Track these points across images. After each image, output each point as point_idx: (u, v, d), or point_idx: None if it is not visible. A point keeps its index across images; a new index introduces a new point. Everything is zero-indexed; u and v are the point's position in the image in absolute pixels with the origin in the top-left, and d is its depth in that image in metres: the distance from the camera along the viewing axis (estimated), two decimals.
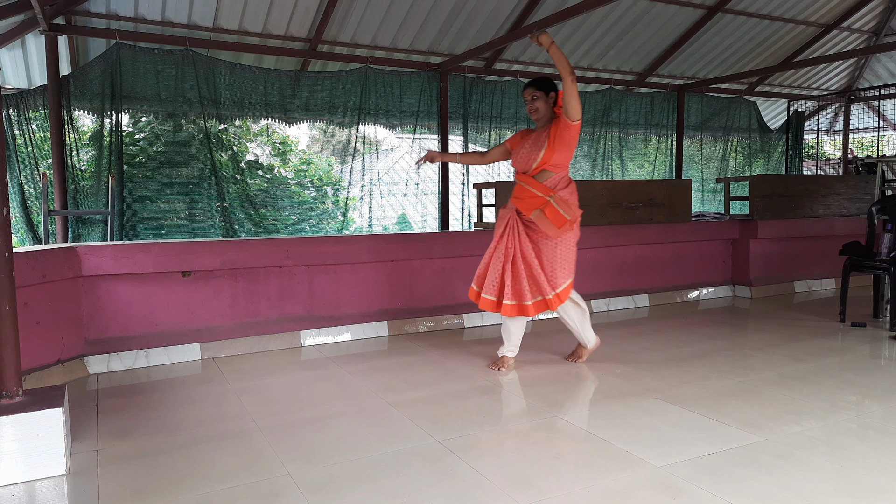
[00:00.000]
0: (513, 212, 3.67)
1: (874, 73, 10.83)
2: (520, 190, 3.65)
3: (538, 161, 3.58)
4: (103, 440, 2.86)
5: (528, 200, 3.58)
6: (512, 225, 3.66)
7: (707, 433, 2.83)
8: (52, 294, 3.71)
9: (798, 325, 5.04)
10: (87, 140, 6.19)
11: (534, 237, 3.63)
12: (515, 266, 3.63)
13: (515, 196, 3.67)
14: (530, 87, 3.63)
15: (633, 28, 7.97)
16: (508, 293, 3.63)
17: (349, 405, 3.29)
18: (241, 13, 6.34)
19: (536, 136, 3.63)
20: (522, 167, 3.66)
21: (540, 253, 3.63)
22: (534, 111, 3.63)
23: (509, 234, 3.64)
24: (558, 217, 3.50)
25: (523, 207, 3.60)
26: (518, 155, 3.69)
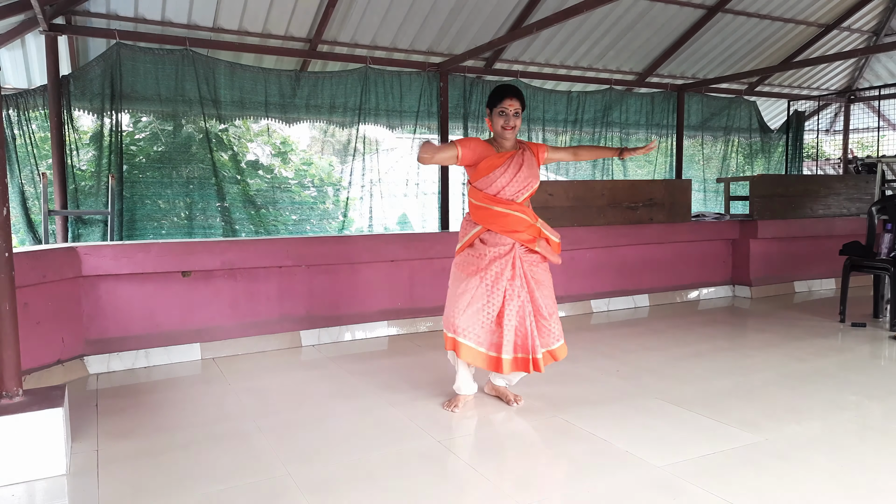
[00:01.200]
0: (514, 246, 3.10)
1: (874, 73, 10.82)
2: (517, 222, 3.08)
3: (536, 185, 3.15)
4: (103, 440, 2.86)
5: (528, 230, 3.11)
6: (517, 263, 3.09)
7: (707, 433, 2.83)
8: (52, 294, 3.71)
9: (798, 325, 5.04)
10: (87, 140, 6.19)
11: (535, 273, 3.15)
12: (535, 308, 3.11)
13: (512, 230, 3.08)
14: (515, 99, 3.08)
15: (633, 28, 7.97)
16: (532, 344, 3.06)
17: (349, 405, 3.29)
18: (241, 13, 6.34)
19: (527, 161, 3.12)
20: (512, 194, 3.08)
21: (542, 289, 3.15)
22: (512, 129, 3.09)
23: (518, 276, 3.07)
24: (554, 243, 3.22)
25: (525, 240, 3.10)
26: (500, 179, 3.06)
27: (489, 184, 3.08)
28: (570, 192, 5.63)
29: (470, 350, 3.03)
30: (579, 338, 4.71)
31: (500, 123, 3.09)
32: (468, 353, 3.03)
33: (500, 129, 3.09)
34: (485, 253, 3.08)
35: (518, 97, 3.10)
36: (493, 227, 3.10)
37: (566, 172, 8.75)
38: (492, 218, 3.10)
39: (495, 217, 3.09)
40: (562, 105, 8.55)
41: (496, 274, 3.05)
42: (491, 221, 3.10)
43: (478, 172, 3.10)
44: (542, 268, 3.18)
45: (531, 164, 3.14)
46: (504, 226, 3.09)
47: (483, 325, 3.04)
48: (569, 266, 5.61)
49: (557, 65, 8.38)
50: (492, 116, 3.12)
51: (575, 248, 5.58)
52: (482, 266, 3.06)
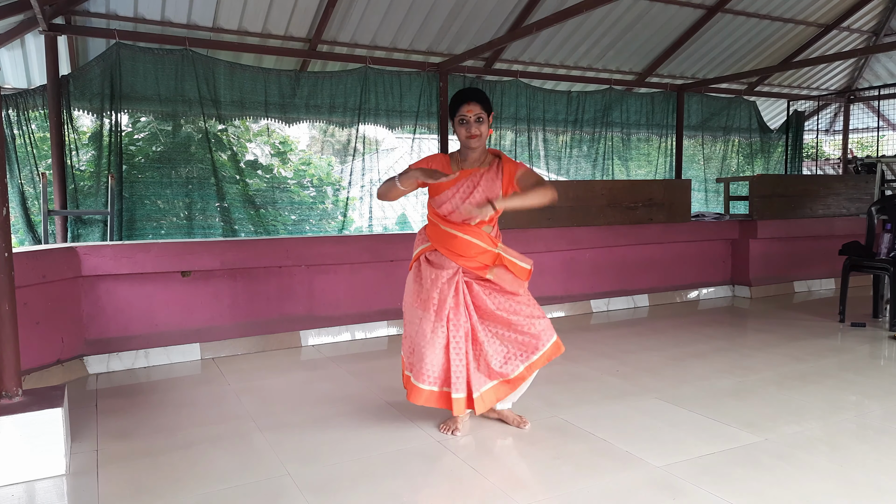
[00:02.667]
0: (458, 272, 2.77)
1: (874, 73, 10.82)
2: (465, 246, 2.73)
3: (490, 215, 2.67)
4: (103, 440, 2.86)
5: (480, 257, 2.76)
6: (462, 289, 2.76)
7: (707, 433, 2.83)
8: (52, 294, 3.71)
9: (798, 325, 5.04)
10: (86, 140, 6.19)
11: (491, 292, 2.80)
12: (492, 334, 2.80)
13: (458, 253, 2.74)
14: (474, 104, 2.69)
15: (633, 28, 7.96)
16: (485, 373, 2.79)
17: (349, 405, 3.29)
18: (241, 13, 6.34)
19: (485, 182, 2.74)
20: (463, 216, 2.74)
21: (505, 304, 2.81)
22: (476, 137, 2.71)
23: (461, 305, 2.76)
24: (519, 269, 2.81)
25: (475, 267, 2.75)
26: (451, 201, 2.74)
27: (440, 203, 2.79)
28: (570, 192, 5.63)
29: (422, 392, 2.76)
30: (579, 338, 4.71)
31: (462, 133, 2.73)
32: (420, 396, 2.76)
33: (465, 139, 2.73)
34: (427, 276, 2.79)
35: (479, 100, 2.72)
36: (440, 247, 2.80)
37: (567, 172, 8.75)
38: (440, 237, 2.80)
39: (443, 237, 2.79)
40: (562, 105, 8.54)
41: (440, 303, 2.74)
42: (439, 241, 2.81)
43: (431, 188, 2.83)
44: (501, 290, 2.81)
45: (489, 188, 2.73)
46: (451, 248, 2.76)
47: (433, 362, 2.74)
48: (569, 266, 5.62)
49: (557, 65, 8.38)
50: (454, 125, 2.76)
51: (575, 248, 5.58)
52: (423, 294, 2.77)
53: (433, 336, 2.73)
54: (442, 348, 2.74)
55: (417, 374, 2.76)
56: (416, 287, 2.83)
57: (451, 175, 2.64)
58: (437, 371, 2.75)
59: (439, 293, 2.74)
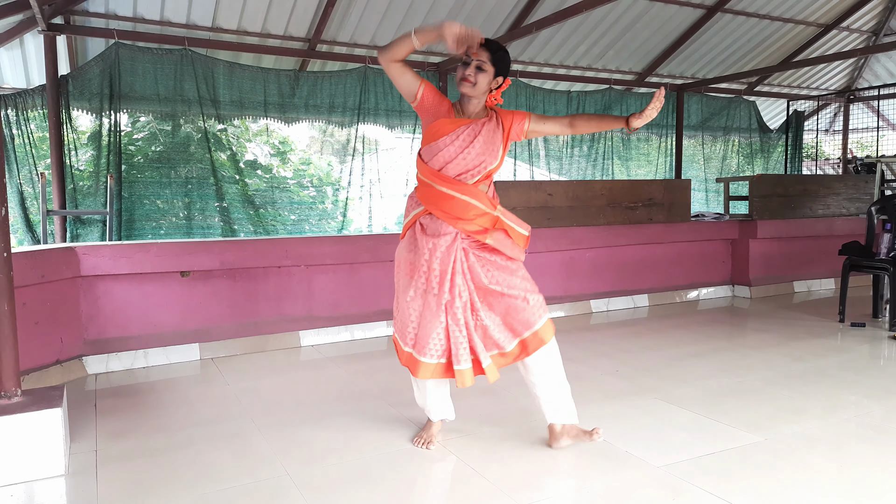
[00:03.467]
0: (457, 237, 2.56)
1: (873, 72, 10.83)
2: (462, 207, 2.52)
3: (492, 167, 2.57)
4: (102, 440, 2.85)
5: (479, 220, 2.55)
6: (459, 256, 2.56)
7: (707, 433, 2.83)
8: (51, 294, 3.70)
9: (797, 325, 5.04)
10: (85, 140, 6.18)
11: (486, 265, 2.61)
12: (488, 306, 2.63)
13: (455, 216, 2.53)
14: (483, 50, 2.49)
15: (633, 28, 7.96)
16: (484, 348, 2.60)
17: (348, 405, 3.29)
18: (240, 13, 6.34)
19: (486, 135, 2.54)
20: (457, 173, 2.52)
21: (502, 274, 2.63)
22: (468, 82, 2.50)
23: (460, 272, 2.57)
24: (517, 234, 2.67)
25: (474, 231, 2.55)
26: (444, 151, 2.52)
27: (432, 155, 2.54)
28: (569, 192, 5.63)
29: (427, 367, 2.59)
30: (579, 338, 4.70)
31: (459, 74, 2.51)
32: (426, 370, 2.59)
33: (459, 80, 2.52)
34: (423, 245, 2.56)
35: (490, 49, 2.50)
36: (434, 209, 2.55)
37: (567, 172, 8.75)
38: (434, 198, 2.55)
39: (437, 198, 2.54)
40: (562, 104, 8.54)
41: (441, 273, 2.53)
42: (432, 203, 2.55)
43: (426, 135, 2.58)
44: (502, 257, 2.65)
45: (490, 140, 2.53)
46: (446, 210, 2.53)
47: (437, 336, 2.57)
48: (568, 266, 5.61)
49: (557, 64, 8.38)
50: None
51: (574, 248, 5.57)
52: (421, 264, 2.56)
53: (438, 308, 2.54)
54: (443, 319, 2.56)
55: (421, 349, 2.58)
56: (412, 256, 2.61)
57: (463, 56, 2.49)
58: (443, 342, 2.58)
59: (440, 263, 2.53)
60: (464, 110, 2.59)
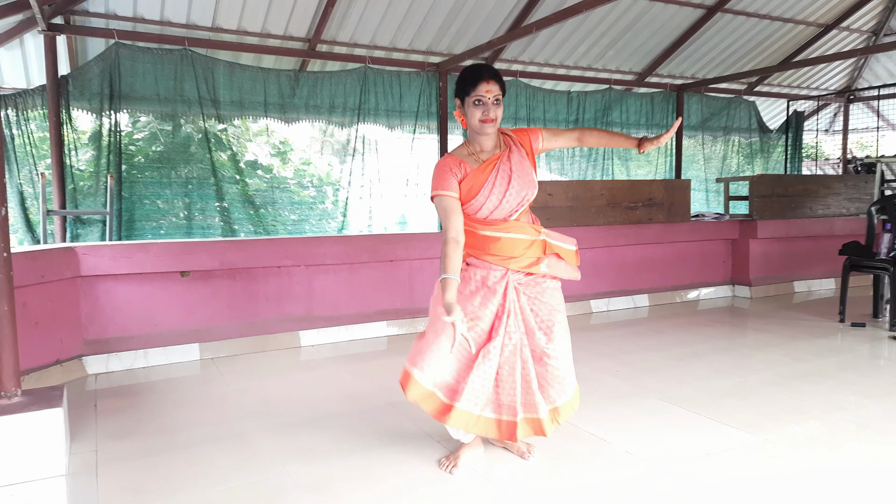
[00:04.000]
0: (505, 273, 2.43)
1: (873, 72, 10.82)
2: (511, 245, 2.40)
3: (533, 195, 2.46)
4: (102, 440, 2.85)
5: (529, 252, 2.42)
6: (511, 297, 2.42)
7: (707, 433, 2.83)
8: (51, 294, 3.70)
9: (798, 325, 5.04)
10: (85, 140, 6.18)
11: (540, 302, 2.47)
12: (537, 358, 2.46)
13: (506, 255, 2.40)
14: (493, 83, 2.35)
15: (633, 28, 7.96)
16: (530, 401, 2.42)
17: (348, 406, 3.29)
18: (240, 13, 6.33)
19: (517, 165, 2.41)
20: (506, 212, 2.41)
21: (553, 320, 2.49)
22: (492, 122, 2.37)
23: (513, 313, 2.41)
24: (567, 252, 2.53)
25: (524, 265, 2.42)
26: (489, 200, 2.38)
27: (476, 209, 2.40)
28: (569, 192, 5.63)
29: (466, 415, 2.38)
30: (579, 338, 4.68)
31: (476, 116, 2.35)
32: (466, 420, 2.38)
33: (478, 123, 2.36)
34: (470, 277, 2.44)
35: (497, 79, 2.37)
36: (480, 254, 2.43)
37: (567, 173, 8.74)
38: (480, 244, 2.42)
39: (484, 243, 2.41)
40: (562, 105, 8.54)
41: (481, 302, 2.40)
42: (479, 248, 2.42)
43: (461, 197, 2.41)
44: (552, 292, 2.48)
45: (523, 169, 2.42)
46: (496, 252, 2.40)
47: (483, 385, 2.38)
48: None
49: (557, 65, 8.37)
50: (464, 108, 2.39)
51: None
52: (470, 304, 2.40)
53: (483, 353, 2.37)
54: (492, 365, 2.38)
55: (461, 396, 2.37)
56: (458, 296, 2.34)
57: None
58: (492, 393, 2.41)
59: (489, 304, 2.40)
60: (482, 148, 2.45)
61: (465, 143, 2.50)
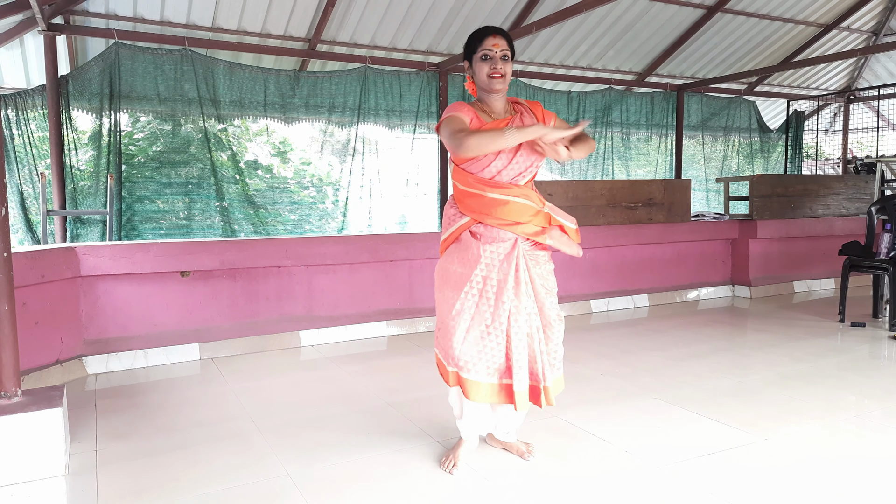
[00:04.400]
0: (517, 242, 2.37)
1: (873, 72, 10.83)
2: (520, 210, 2.34)
3: (540, 163, 2.40)
4: (102, 441, 2.85)
5: (535, 219, 2.38)
6: (522, 265, 2.37)
7: (706, 433, 2.83)
8: (51, 294, 3.70)
9: (797, 325, 5.04)
10: (85, 140, 6.18)
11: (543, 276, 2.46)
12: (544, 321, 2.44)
13: (514, 221, 2.34)
14: (500, 38, 2.31)
15: (633, 28, 7.96)
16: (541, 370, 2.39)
17: (348, 406, 3.29)
18: (240, 13, 6.34)
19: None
20: (513, 177, 2.34)
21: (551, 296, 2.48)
22: (501, 77, 2.31)
23: (523, 282, 2.36)
24: (570, 229, 2.49)
25: (531, 232, 2.37)
26: (498, 160, 2.31)
27: (483, 166, 2.31)
28: (569, 192, 5.63)
29: (480, 386, 2.36)
30: (579, 338, 4.70)
31: (484, 71, 2.30)
32: (479, 391, 2.36)
33: (486, 78, 2.30)
34: (479, 253, 2.35)
35: (504, 35, 2.32)
36: (488, 218, 2.34)
37: (567, 172, 8.74)
38: (486, 207, 2.34)
39: (491, 206, 2.33)
40: (562, 105, 8.55)
41: (498, 282, 2.34)
42: (486, 212, 2.34)
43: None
44: (549, 268, 2.50)
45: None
46: (502, 217, 2.33)
47: (493, 353, 2.36)
48: (568, 266, 5.61)
49: (557, 64, 8.38)
50: (472, 67, 2.35)
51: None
52: (475, 274, 2.35)
53: (494, 322, 2.33)
54: (500, 333, 2.35)
55: (473, 367, 2.35)
56: (462, 268, 2.36)
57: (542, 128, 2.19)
58: (501, 359, 2.36)
59: (499, 271, 2.33)
60: (492, 109, 2.38)
61: (477, 102, 2.42)
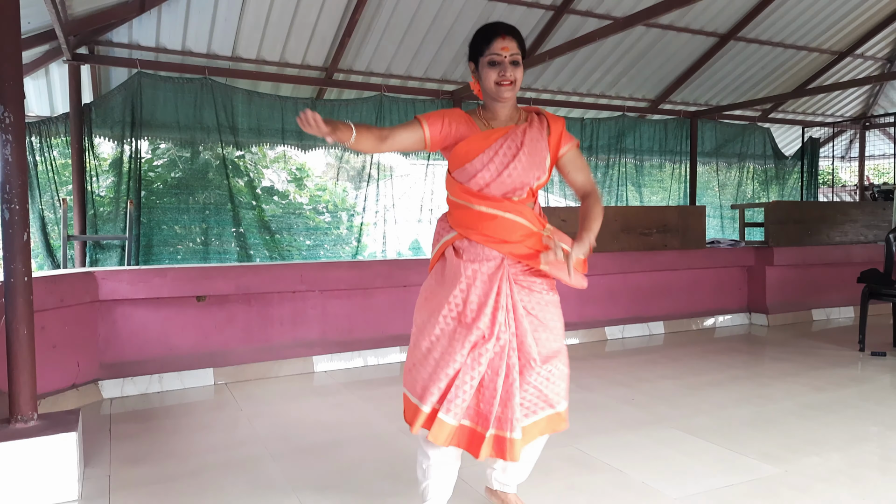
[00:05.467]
0: (503, 263, 2.07)
1: (889, 99, 10.79)
2: (507, 228, 2.05)
3: (541, 181, 2.11)
4: (116, 465, 2.86)
5: (527, 241, 2.07)
6: (505, 289, 2.06)
7: (724, 464, 2.78)
8: (69, 318, 3.75)
9: (817, 354, 4.96)
10: (106, 167, 6.30)
11: (534, 304, 2.12)
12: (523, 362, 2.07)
13: (499, 239, 2.05)
14: (510, 39, 2.02)
15: (646, 55, 8.02)
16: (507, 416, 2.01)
17: (361, 432, 3.27)
18: (260, 43, 6.47)
19: (531, 143, 2.07)
20: (504, 189, 2.06)
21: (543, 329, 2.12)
22: (510, 84, 2.02)
23: (503, 308, 2.04)
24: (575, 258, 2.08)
25: (521, 253, 2.07)
26: (484, 171, 2.04)
27: (469, 175, 2.05)
28: None
29: (444, 426, 2.00)
30: (594, 365, 4.66)
31: (492, 78, 2.02)
32: (442, 431, 2.00)
33: (494, 86, 2.02)
34: (460, 271, 2.06)
35: (514, 35, 2.04)
36: (472, 234, 2.07)
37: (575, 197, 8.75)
38: (471, 221, 2.07)
39: (476, 219, 2.06)
40: (575, 131, 8.59)
41: (478, 306, 2.03)
42: (470, 226, 2.08)
43: (454, 158, 2.09)
44: (548, 297, 2.15)
45: (536, 148, 2.07)
46: (488, 233, 2.05)
47: (463, 388, 2.01)
48: (583, 292, 5.56)
49: (570, 92, 8.44)
50: (479, 71, 2.07)
51: (588, 273, 5.52)
52: (454, 295, 2.05)
53: (468, 350, 2.01)
54: (474, 365, 2.01)
55: (439, 402, 2.01)
56: (440, 288, 2.09)
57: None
58: (471, 398, 2.03)
59: (479, 293, 2.03)
60: (495, 116, 2.10)
61: (478, 108, 2.16)
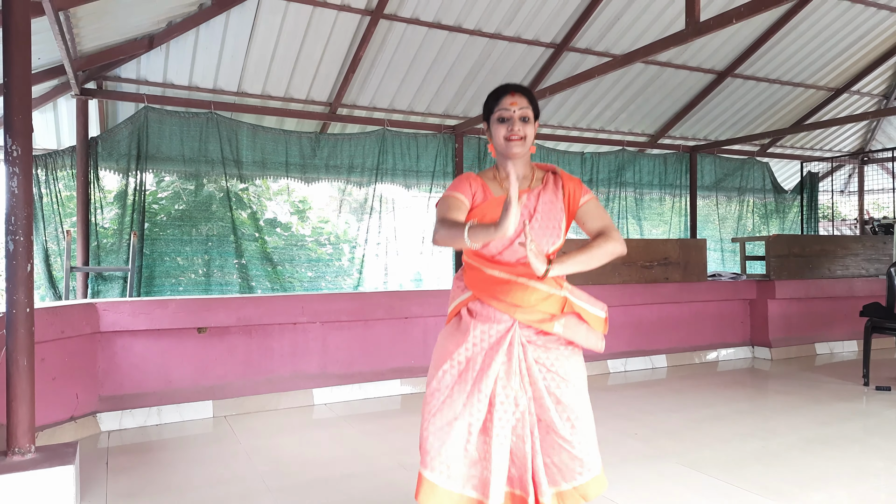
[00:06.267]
0: (514, 326, 1.99)
1: (886, 134, 10.90)
2: (521, 293, 1.98)
3: (556, 247, 2.08)
4: (112, 499, 2.82)
5: (542, 305, 2.00)
6: (516, 353, 1.98)
7: (728, 499, 2.74)
8: (69, 350, 3.74)
9: (820, 388, 4.92)
10: (111, 199, 6.36)
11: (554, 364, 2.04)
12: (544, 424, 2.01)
13: (512, 303, 1.98)
14: (520, 96, 2.01)
15: (644, 92, 8.15)
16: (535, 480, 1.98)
17: (360, 466, 3.24)
18: (265, 78, 6.59)
19: (546, 206, 2.04)
20: (518, 255, 2.00)
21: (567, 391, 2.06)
22: (520, 140, 1.99)
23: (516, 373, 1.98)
24: (593, 317, 2.11)
25: (535, 319, 1.98)
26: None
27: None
28: None
29: (436, 491, 1.92)
30: (596, 398, 4.59)
31: (501, 134, 1.99)
32: (432, 496, 1.93)
33: (504, 142, 1.99)
34: (469, 330, 2.00)
35: (524, 93, 2.02)
36: (486, 297, 2.01)
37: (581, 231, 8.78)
38: (485, 285, 2.01)
39: (490, 284, 2.00)
40: (576, 165, 8.67)
41: (481, 368, 1.96)
42: (483, 289, 2.01)
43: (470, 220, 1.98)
44: (571, 359, 2.07)
45: (551, 213, 2.03)
46: (501, 298, 1.98)
47: (458, 449, 1.94)
48: None
49: (570, 126, 8.55)
50: (490, 129, 2.05)
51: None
52: (460, 352, 1.99)
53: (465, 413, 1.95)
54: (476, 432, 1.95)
55: (431, 464, 1.94)
56: (450, 344, 2.03)
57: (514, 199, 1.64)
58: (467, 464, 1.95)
59: (486, 356, 1.97)
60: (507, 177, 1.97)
61: (493, 168, 2.12)
